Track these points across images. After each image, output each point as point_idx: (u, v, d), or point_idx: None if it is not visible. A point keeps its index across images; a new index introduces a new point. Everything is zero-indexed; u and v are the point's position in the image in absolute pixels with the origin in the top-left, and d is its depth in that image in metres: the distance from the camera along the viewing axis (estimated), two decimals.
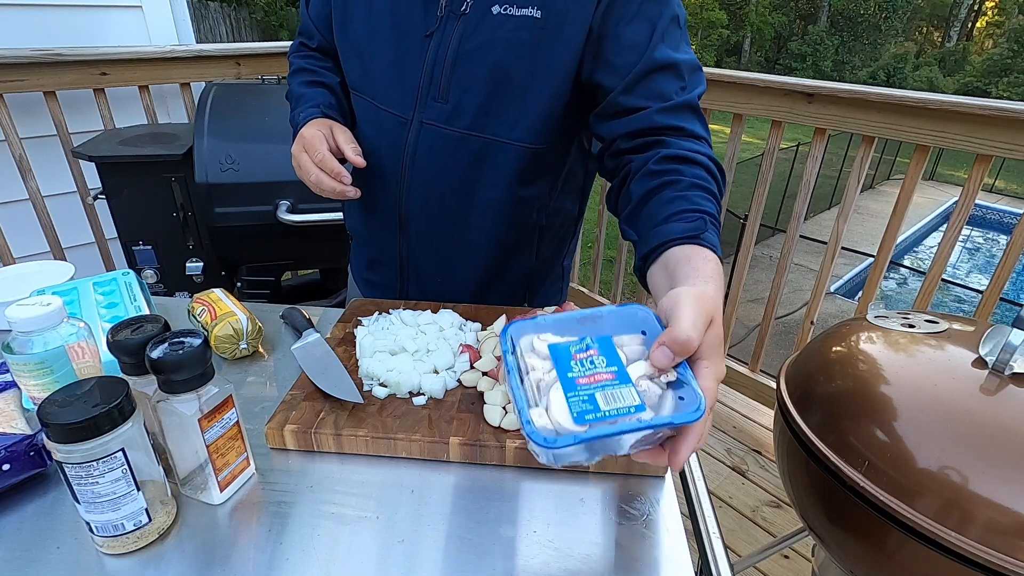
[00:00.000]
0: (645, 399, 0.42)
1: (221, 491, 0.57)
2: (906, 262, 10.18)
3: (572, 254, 1.08)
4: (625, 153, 0.76)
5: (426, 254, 0.94)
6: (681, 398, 0.43)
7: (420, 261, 0.95)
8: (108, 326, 0.66)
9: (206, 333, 0.74)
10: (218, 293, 0.87)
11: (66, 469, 0.48)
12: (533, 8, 0.75)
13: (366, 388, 0.70)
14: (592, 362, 0.45)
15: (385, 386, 0.70)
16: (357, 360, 0.75)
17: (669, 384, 0.44)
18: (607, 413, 0.41)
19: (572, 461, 0.44)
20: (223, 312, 0.81)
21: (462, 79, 0.79)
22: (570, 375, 0.44)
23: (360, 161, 0.82)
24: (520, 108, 0.80)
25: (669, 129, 0.73)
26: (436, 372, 0.71)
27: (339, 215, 1.58)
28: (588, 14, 0.74)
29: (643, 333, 0.48)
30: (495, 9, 0.76)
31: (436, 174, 0.86)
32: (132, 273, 0.91)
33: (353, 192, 0.82)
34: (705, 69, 1.92)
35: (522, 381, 0.45)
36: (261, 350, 0.83)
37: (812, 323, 1.92)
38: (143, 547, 0.53)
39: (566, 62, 0.77)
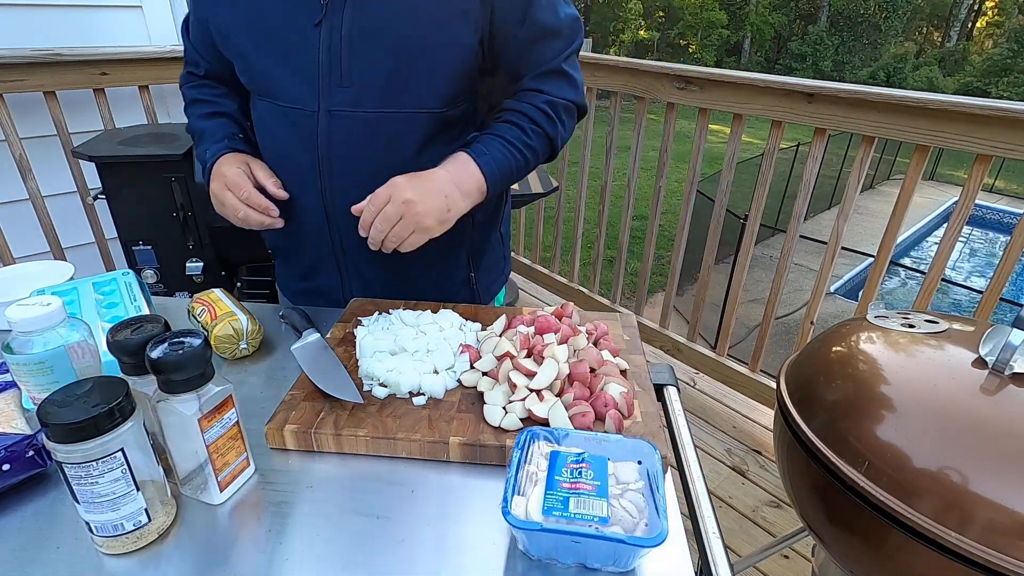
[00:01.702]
0: (620, 519, 0.49)
1: (221, 491, 0.57)
2: (906, 262, 10.18)
3: (507, 221, 1.09)
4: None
5: (361, 247, 0.89)
6: (647, 524, 0.50)
7: (356, 256, 0.93)
8: (108, 326, 0.66)
9: (206, 333, 0.74)
10: (218, 293, 0.87)
11: (66, 469, 0.48)
12: None
13: (366, 388, 0.70)
14: (580, 473, 0.52)
15: (385, 386, 0.70)
16: (357, 360, 0.75)
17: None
18: (572, 515, 0.48)
19: (546, 556, 0.52)
20: (223, 312, 0.81)
21: (361, 60, 0.79)
22: (557, 478, 0.52)
23: (282, 194, 0.87)
24: (429, 74, 0.80)
25: (524, 92, 0.87)
26: (436, 372, 0.71)
27: None
28: None
29: (639, 462, 0.55)
30: None
31: (355, 161, 0.85)
32: (132, 273, 0.91)
33: (280, 223, 0.87)
34: (705, 69, 1.95)
35: (517, 471, 0.53)
36: (261, 350, 0.84)
37: (812, 323, 1.92)
38: (143, 547, 0.53)
39: (465, 19, 0.78)
